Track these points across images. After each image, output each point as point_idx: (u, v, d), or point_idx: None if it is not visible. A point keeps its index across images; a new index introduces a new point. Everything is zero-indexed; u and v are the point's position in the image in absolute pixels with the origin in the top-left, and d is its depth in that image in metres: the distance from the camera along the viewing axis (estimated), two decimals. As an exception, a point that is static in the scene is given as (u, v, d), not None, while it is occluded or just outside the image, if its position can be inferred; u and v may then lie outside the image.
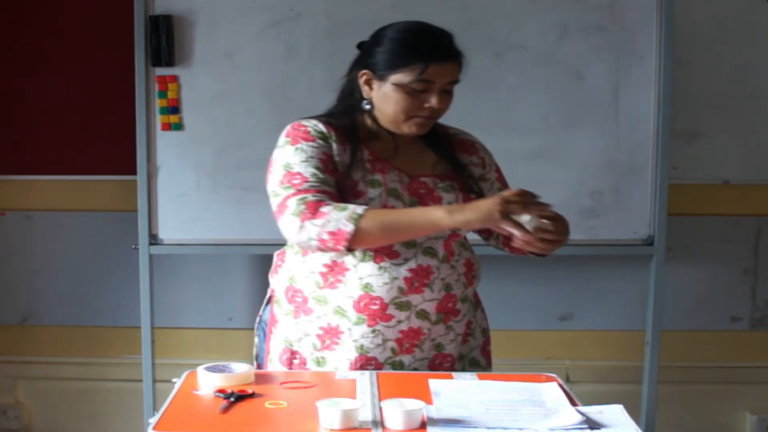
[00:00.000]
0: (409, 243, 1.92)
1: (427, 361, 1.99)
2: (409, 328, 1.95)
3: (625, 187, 3.08)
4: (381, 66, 1.95)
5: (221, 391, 1.71)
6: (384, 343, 1.94)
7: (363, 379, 1.84)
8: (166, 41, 2.98)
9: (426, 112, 1.96)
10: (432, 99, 1.94)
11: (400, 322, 1.94)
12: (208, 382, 1.76)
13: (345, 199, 1.89)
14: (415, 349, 1.97)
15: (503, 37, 3.02)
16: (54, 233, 3.37)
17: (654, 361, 3.15)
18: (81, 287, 3.38)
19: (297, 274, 1.99)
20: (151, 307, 3.10)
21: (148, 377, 3.13)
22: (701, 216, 3.33)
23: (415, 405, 1.57)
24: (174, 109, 3.02)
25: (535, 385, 1.80)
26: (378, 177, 1.95)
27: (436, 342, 1.99)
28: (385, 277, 1.91)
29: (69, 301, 3.40)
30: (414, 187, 1.98)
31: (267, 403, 1.68)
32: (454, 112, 2.02)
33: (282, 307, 2.04)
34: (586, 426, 1.56)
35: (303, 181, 1.88)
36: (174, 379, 1.83)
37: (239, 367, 1.81)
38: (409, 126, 1.98)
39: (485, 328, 2.14)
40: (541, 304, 3.37)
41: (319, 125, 1.97)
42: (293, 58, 3.02)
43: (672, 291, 3.27)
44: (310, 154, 1.92)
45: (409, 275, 1.92)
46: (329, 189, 1.89)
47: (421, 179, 1.99)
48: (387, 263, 1.91)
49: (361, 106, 2.00)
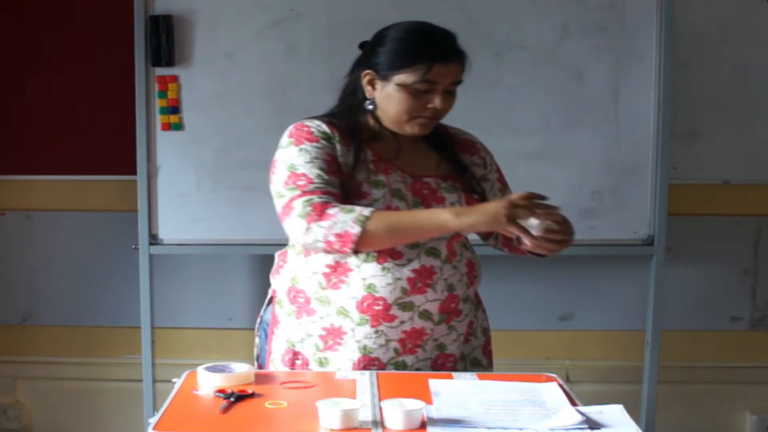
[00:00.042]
0: (412, 243, 1.92)
1: (429, 361, 1.99)
2: (412, 328, 1.95)
3: (625, 187, 3.08)
4: (384, 66, 1.95)
5: (221, 391, 1.71)
6: (387, 343, 1.94)
7: (363, 379, 1.84)
8: (166, 41, 2.98)
9: (429, 113, 1.96)
10: (435, 99, 1.94)
11: (403, 323, 1.94)
12: (208, 382, 1.76)
13: (349, 200, 1.89)
14: (417, 349, 1.97)
15: (503, 37, 3.02)
16: (54, 233, 3.37)
17: (654, 361, 3.15)
18: (81, 287, 3.38)
19: (299, 275, 1.99)
20: (151, 307, 3.10)
21: (148, 377, 3.13)
22: (701, 216, 3.33)
23: (415, 405, 1.57)
24: (174, 109, 3.02)
25: (535, 385, 1.80)
26: (382, 178, 1.95)
27: (439, 342, 1.99)
28: (388, 277, 1.91)
29: (69, 301, 3.40)
30: (417, 187, 1.97)
31: (267, 403, 1.68)
32: (454, 112, 2.02)
33: (284, 308, 2.04)
34: (586, 426, 1.56)
35: (308, 183, 1.87)
36: (174, 379, 1.83)
37: (239, 367, 1.81)
38: (412, 126, 1.97)
39: (486, 328, 2.14)
40: (541, 304, 3.37)
41: (322, 126, 1.96)
42: (293, 58, 3.02)
43: (672, 291, 3.27)
44: (315, 155, 1.91)
45: (412, 276, 1.92)
46: (334, 190, 1.89)
47: (424, 180, 1.99)
48: (390, 264, 1.91)
49: (363, 106, 2.00)
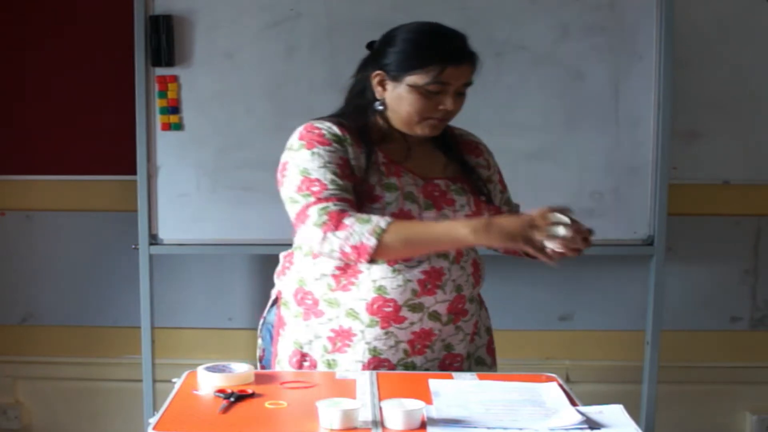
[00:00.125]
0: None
1: (437, 361, 2.00)
2: (421, 329, 1.95)
3: (625, 187, 3.08)
4: (395, 67, 1.93)
5: (221, 391, 1.71)
6: (397, 344, 1.95)
7: (363, 379, 1.84)
8: (166, 41, 2.98)
9: (440, 114, 1.95)
10: (446, 101, 1.93)
11: (412, 324, 1.94)
12: (208, 382, 1.76)
13: (362, 203, 1.89)
14: (426, 350, 1.97)
15: (503, 37, 3.02)
16: (54, 233, 3.37)
17: (654, 361, 3.15)
18: (81, 287, 3.38)
19: (307, 277, 1.98)
20: (151, 307, 3.10)
21: (148, 377, 3.13)
22: (701, 216, 3.33)
23: (415, 405, 1.57)
24: (174, 109, 3.02)
25: (535, 385, 1.80)
26: (394, 181, 1.94)
27: (446, 342, 2.00)
28: (398, 279, 1.91)
29: (69, 301, 3.40)
30: (428, 189, 1.97)
31: (267, 403, 1.68)
32: (454, 112, 2.02)
33: (290, 309, 2.03)
34: (586, 426, 1.56)
35: (322, 189, 1.86)
36: (174, 379, 1.83)
37: (239, 367, 1.81)
38: (423, 128, 1.97)
39: (489, 327, 2.15)
40: (541, 304, 3.37)
41: (333, 128, 1.95)
42: (293, 58, 3.02)
43: (672, 291, 3.27)
44: (327, 159, 1.90)
45: (422, 277, 1.92)
46: (349, 196, 1.87)
47: (435, 182, 1.99)
48: (400, 265, 1.91)
49: (373, 106, 1.98)
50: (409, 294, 1.92)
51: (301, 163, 1.91)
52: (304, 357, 2.01)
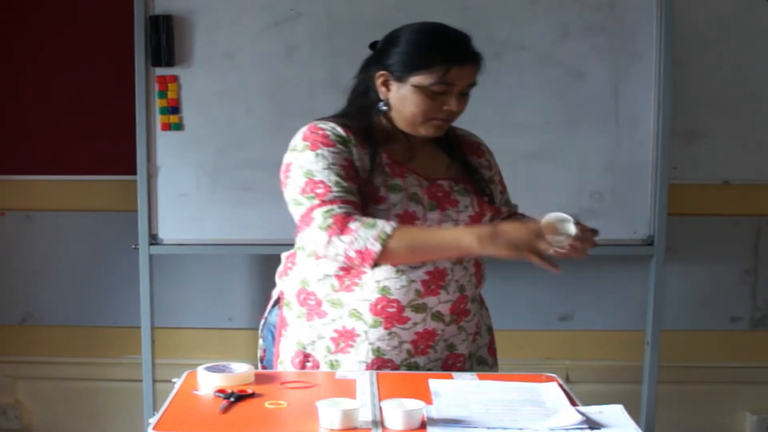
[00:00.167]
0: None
1: (440, 361, 2.00)
2: (424, 329, 1.95)
3: (625, 187, 3.08)
4: (400, 67, 1.93)
5: (221, 391, 1.71)
6: (400, 345, 1.95)
7: (363, 379, 1.84)
8: (166, 41, 2.98)
9: (444, 115, 1.95)
10: (451, 101, 1.92)
11: (416, 324, 1.94)
12: (208, 382, 1.76)
13: (366, 205, 1.88)
14: (429, 350, 1.97)
15: (503, 37, 3.02)
16: (54, 233, 3.37)
17: (654, 361, 3.15)
18: (81, 287, 3.38)
19: (310, 277, 1.98)
20: (151, 307, 3.10)
21: (148, 377, 3.13)
22: (701, 216, 3.33)
23: (415, 405, 1.58)
24: (174, 109, 3.02)
25: (535, 385, 1.80)
26: (398, 182, 1.93)
27: (449, 342, 2.00)
28: (402, 280, 1.91)
29: (69, 301, 3.40)
30: (432, 190, 1.96)
31: (267, 403, 1.68)
32: (454, 112, 2.02)
33: (293, 310, 2.03)
34: (586, 426, 1.56)
35: (327, 191, 1.86)
36: (174, 379, 1.83)
37: (239, 367, 1.81)
38: (427, 128, 1.96)
39: (490, 326, 2.15)
40: (541, 304, 3.37)
41: (337, 128, 1.94)
42: (293, 58, 3.02)
43: (672, 291, 3.27)
44: (332, 160, 1.89)
45: (426, 278, 1.92)
46: (353, 198, 1.87)
47: (438, 182, 1.98)
48: (404, 266, 1.90)
49: (377, 107, 1.97)
50: (413, 294, 1.92)
51: (305, 165, 1.90)
52: (306, 357, 2.01)
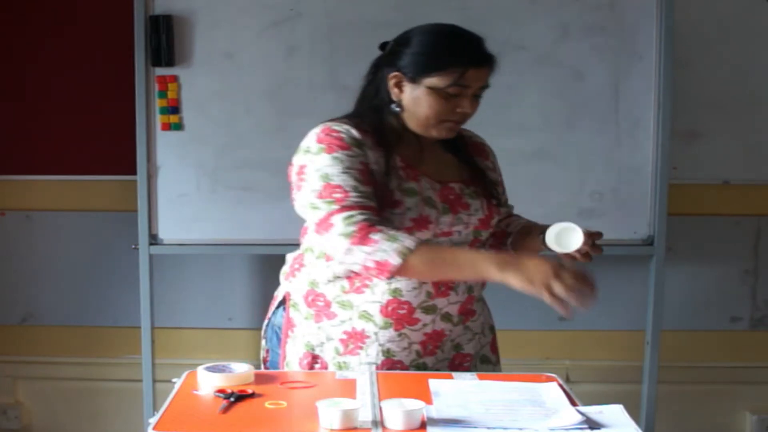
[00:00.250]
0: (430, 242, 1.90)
1: (447, 361, 2.00)
2: (433, 330, 1.95)
3: (625, 187, 3.08)
4: (414, 68, 1.90)
5: (221, 391, 1.71)
6: (410, 346, 1.95)
7: (363, 379, 1.84)
8: (166, 41, 2.98)
9: (457, 117, 1.93)
10: (465, 103, 1.91)
11: (425, 325, 1.94)
12: (208, 382, 1.76)
13: (381, 208, 1.86)
14: (437, 350, 1.98)
15: (503, 37, 3.01)
16: (54, 233, 3.37)
17: (654, 361, 3.15)
18: (81, 287, 3.38)
19: (319, 279, 1.97)
20: (151, 307, 3.10)
21: (148, 377, 3.13)
22: (701, 216, 3.33)
23: (415, 405, 1.57)
24: (174, 109, 3.02)
25: (535, 385, 1.80)
26: (413, 185, 1.92)
27: (456, 342, 2.01)
28: (414, 281, 1.90)
29: (69, 301, 3.40)
30: (444, 193, 1.95)
31: (267, 403, 1.68)
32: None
33: (300, 311, 2.02)
34: (586, 426, 1.56)
35: (345, 196, 1.83)
36: (174, 379, 1.83)
37: (239, 367, 1.81)
38: (439, 130, 1.94)
39: (492, 325, 2.15)
40: (541, 304, 3.31)
41: (351, 131, 1.91)
42: (293, 58, 3.02)
43: (672, 291, 3.27)
44: (348, 164, 1.86)
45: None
46: (371, 203, 1.85)
47: (450, 185, 1.97)
48: None
49: (389, 108, 1.95)
50: (424, 296, 1.92)
51: (322, 168, 1.87)
52: (315, 359, 2.00)
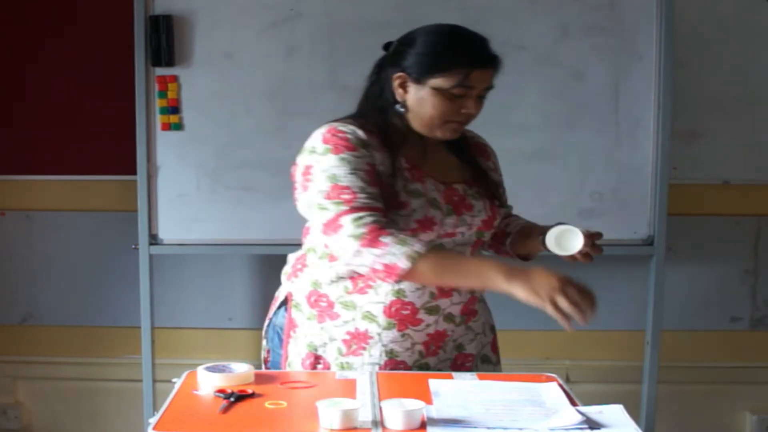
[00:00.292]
0: (438, 246, 1.90)
1: (449, 361, 2.00)
2: (436, 331, 1.95)
3: (625, 187, 3.08)
4: (419, 69, 1.90)
5: (221, 391, 1.71)
6: (413, 346, 1.95)
7: (363, 379, 1.84)
8: (166, 41, 2.98)
9: (462, 118, 1.93)
10: (469, 104, 1.91)
11: (428, 326, 1.94)
12: (208, 382, 1.76)
13: (388, 210, 1.86)
14: (439, 350, 1.98)
15: (503, 37, 3.00)
16: (54, 233, 3.37)
17: (654, 361, 3.15)
18: (81, 287, 3.38)
19: (322, 279, 1.97)
20: (151, 307, 3.10)
21: (148, 377, 3.13)
22: (701, 216, 3.33)
23: (415, 405, 1.57)
24: (174, 109, 3.02)
25: (535, 385, 1.80)
26: (418, 186, 1.92)
27: (458, 342, 2.01)
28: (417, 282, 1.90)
29: (69, 301, 3.40)
30: (448, 194, 1.95)
31: (267, 403, 1.68)
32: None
33: (303, 312, 2.01)
34: (586, 426, 1.56)
35: (354, 197, 1.83)
36: (174, 379, 1.83)
37: (239, 367, 1.81)
38: (444, 131, 1.94)
39: (492, 325, 2.15)
40: (542, 305, 3.36)
41: (357, 131, 1.90)
42: (293, 58, 3.02)
43: (672, 291, 3.27)
44: (355, 165, 1.86)
45: None
46: (379, 204, 1.84)
47: (454, 186, 1.97)
48: None
49: (394, 109, 1.95)
50: (427, 297, 1.92)
51: (329, 169, 1.86)
52: (318, 359, 2.00)
